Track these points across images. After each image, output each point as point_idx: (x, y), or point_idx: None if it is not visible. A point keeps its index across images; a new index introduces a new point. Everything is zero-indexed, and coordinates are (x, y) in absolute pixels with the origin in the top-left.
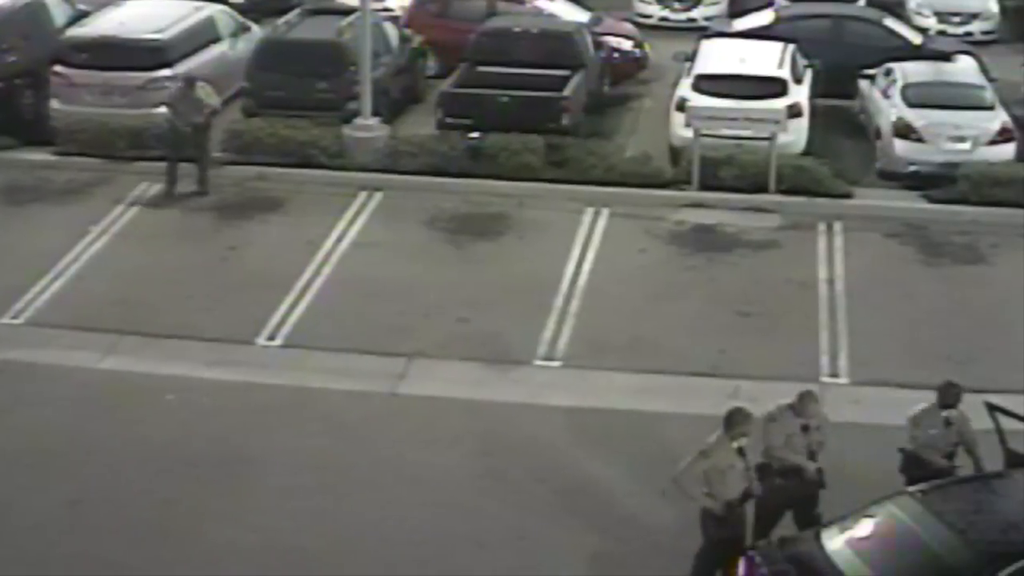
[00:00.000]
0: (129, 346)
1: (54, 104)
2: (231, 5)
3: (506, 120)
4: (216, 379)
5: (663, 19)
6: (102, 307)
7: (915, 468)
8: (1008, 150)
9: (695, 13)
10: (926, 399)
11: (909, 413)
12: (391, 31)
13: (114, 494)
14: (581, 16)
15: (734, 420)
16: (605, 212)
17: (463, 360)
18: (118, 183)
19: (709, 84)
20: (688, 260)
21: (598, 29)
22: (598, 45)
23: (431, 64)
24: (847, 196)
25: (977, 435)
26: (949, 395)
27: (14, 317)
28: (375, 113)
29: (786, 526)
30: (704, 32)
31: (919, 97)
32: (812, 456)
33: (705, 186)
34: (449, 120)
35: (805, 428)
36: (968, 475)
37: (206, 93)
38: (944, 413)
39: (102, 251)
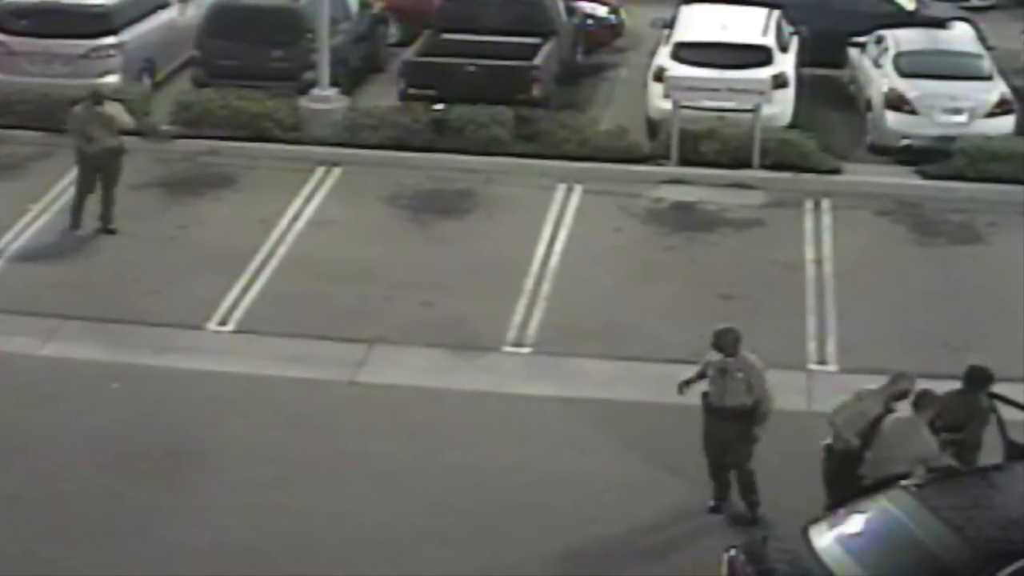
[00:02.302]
0: (72, 331)
1: None
2: None
3: (473, 91)
4: (165, 366)
5: None
6: (43, 290)
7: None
8: (1007, 123)
9: None
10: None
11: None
12: None
13: (56, 489)
14: None
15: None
16: (578, 189)
17: (427, 346)
18: (60, 157)
19: (689, 52)
20: (666, 240)
21: None
22: (571, 11)
23: (392, 31)
24: (836, 172)
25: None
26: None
27: None
28: (333, 83)
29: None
30: None
31: (912, 66)
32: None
33: (685, 161)
34: (412, 91)
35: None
36: (967, 468)
37: (118, 110)
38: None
39: (43, 230)
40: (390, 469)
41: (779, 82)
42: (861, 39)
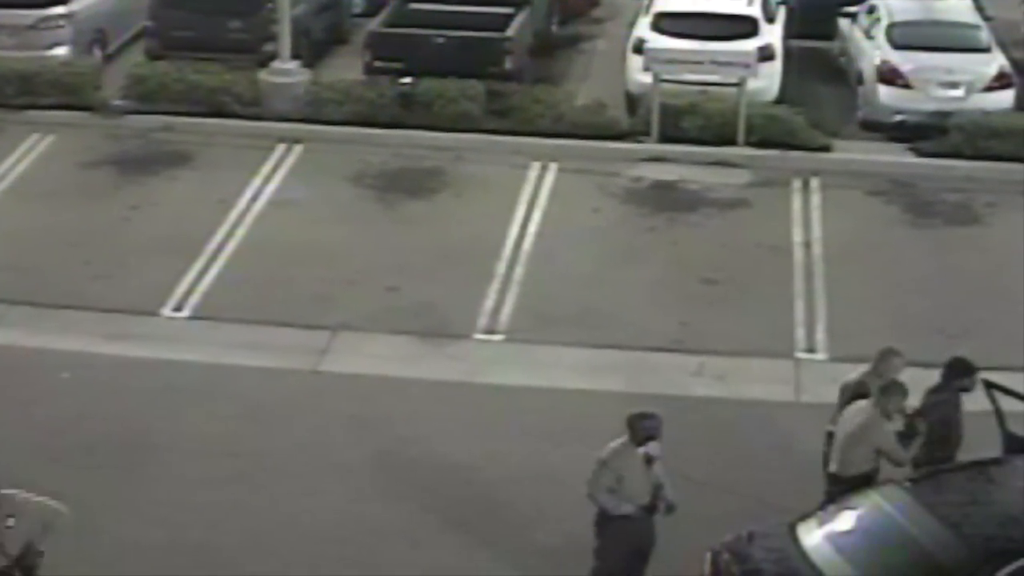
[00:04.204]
0: (19, 317)
1: None
2: None
3: (442, 63)
4: (117, 355)
5: None
6: None
7: None
8: (1006, 97)
9: None
10: (914, 377)
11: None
12: None
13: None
14: None
15: None
16: (553, 167)
17: (393, 333)
18: (6, 134)
19: (670, 23)
20: (647, 221)
21: None
22: None
23: (357, 1)
24: (825, 149)
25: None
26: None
27: None
28: (295, 56)
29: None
30: None
31: (906, 38)
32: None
33: (666, 138)
34: (378, 63)
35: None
36: (963, 462)
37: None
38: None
39: None
40: (354, 463)
41: (765, 54)
42: (852, 9)
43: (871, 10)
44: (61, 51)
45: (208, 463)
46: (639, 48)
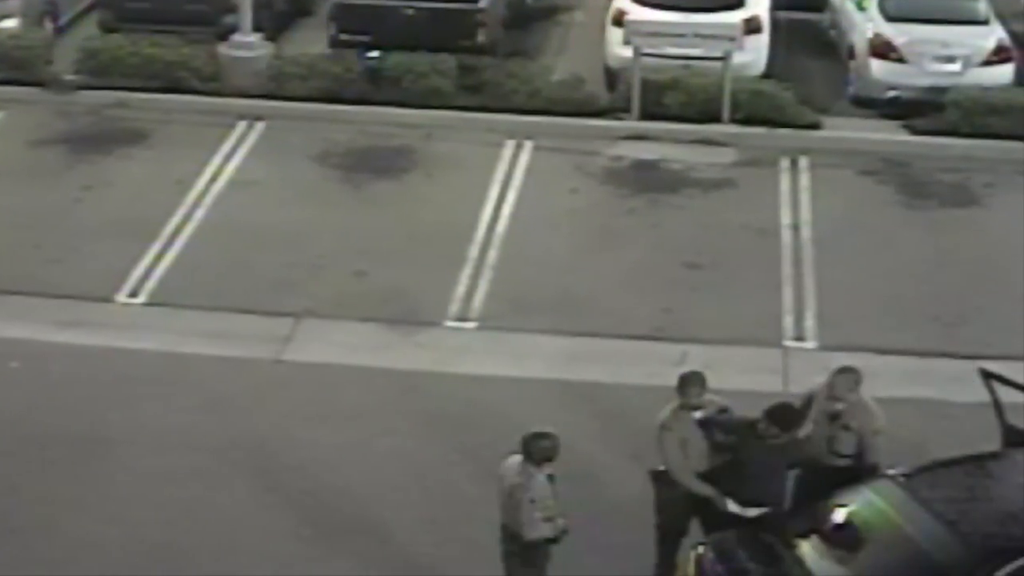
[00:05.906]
0: None
1: None
2: None
3: (411, 36)
4: (69, 343)
5: None
6: None
7: None
8: (1005, 72)
9: None
10: (908, 368)
11: None
12: None
13: None
14: None
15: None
16: (528, 145)
17: (360, 321)
18: None
19: None
20: (627, 202)
21: None
22: None
23: None
24: (815, 127)
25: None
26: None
27: None
28: (256, 28)
29: None
30: None
31: (900, 9)
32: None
33: (647, 115)
34: (344, 36)
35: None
36: (960, 456)
37: None
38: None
39: None
40: (320, 457)
41: (752, 27)
42: None
43: None
44: (10, 23)
45: (166, 457)
46: (619, 20)
